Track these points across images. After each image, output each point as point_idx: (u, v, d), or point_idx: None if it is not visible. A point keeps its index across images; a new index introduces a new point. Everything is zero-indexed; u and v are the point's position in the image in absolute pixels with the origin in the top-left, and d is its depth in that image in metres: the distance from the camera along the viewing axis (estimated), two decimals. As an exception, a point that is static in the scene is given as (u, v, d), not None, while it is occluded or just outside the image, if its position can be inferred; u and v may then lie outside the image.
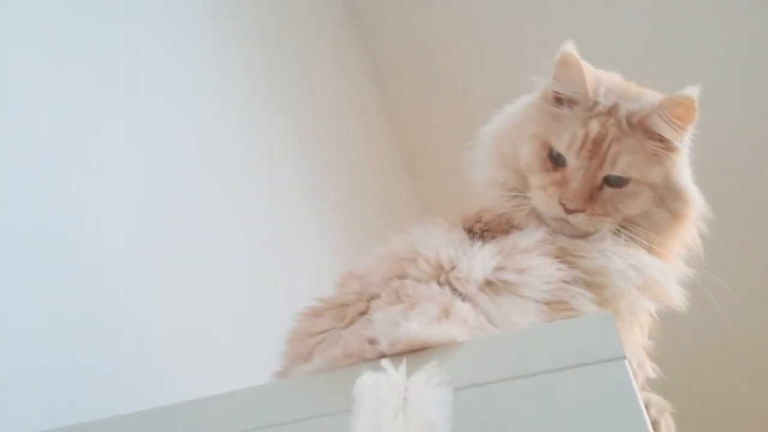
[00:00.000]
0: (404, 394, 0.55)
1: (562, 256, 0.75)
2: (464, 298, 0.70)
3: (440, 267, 0.73)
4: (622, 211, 0.79)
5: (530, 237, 0.76)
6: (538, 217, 0.80)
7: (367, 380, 0.57)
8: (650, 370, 0.77)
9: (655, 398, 0.71)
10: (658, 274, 0.78)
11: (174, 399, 0.69)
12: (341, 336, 0.68)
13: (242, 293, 1.18)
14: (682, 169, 0.82)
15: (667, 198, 0.80)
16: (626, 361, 0.55)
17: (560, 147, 0.80)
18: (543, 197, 0.79)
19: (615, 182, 0.79)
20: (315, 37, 1.76)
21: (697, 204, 0.82)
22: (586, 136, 0.78)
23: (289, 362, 0.74)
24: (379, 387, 0.56)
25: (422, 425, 0.53)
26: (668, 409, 0.70)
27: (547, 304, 0.71)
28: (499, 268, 0.72)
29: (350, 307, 0.72)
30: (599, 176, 0.79)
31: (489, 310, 0.69)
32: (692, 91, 0.78)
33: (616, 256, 0.76)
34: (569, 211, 0.78)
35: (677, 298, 0.80)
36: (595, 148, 0.78)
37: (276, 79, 1.53)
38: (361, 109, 1.94)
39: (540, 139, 0.81)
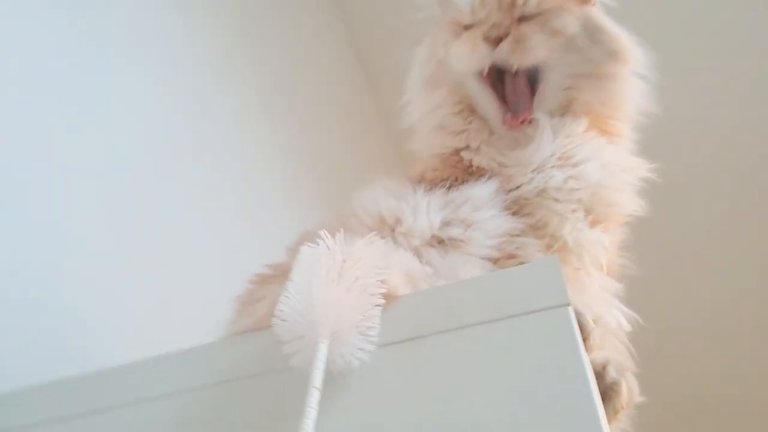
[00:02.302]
0: (340, 256, 0.54)
1: (513, 207, 0.69)
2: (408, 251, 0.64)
3: (382, 219, 0.68)
4: (550, 27, 0.73)
5: (482, 189, 0.70)
6: (490, 142, 0.75)
7: (305, 249, 0.55)
8: (623, 319, 0.68)
9: (616, 357, 0.65)
10: (599, 176, 0.70)
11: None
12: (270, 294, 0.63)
13: (214, 252, 1.16)
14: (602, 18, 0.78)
15: (588, 44, 0.76)
16: (569, 308, 0.50)
17: (466, 18, 0.77)
18: (462, 48, 0.75)
19: (532, 16, 0.75)
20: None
21: (629, 47, 0.77)
22: None
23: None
24: (316, 252, 0.54)
25: (354, 279, 0.52)
26: (630, 368, 0.64)
27: (495, 260, 0.65)
28: (446, 223, 0.67)
29: None
30: (515, 12, 0.75)
31: (435, 263, 0.64)
32: None
33: (555, 170, 0.69)
34: (495, 42, 0.72)
35: (630, 199, 0.73)
36: None
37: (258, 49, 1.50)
38: (337, 71, 1.91)
39: (448, 26, 0.79)
